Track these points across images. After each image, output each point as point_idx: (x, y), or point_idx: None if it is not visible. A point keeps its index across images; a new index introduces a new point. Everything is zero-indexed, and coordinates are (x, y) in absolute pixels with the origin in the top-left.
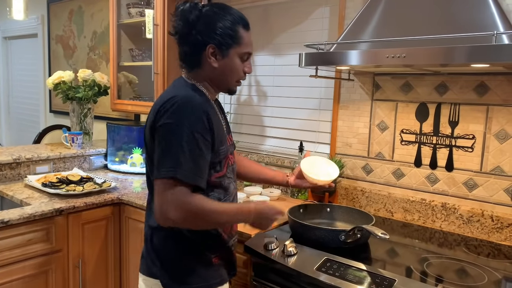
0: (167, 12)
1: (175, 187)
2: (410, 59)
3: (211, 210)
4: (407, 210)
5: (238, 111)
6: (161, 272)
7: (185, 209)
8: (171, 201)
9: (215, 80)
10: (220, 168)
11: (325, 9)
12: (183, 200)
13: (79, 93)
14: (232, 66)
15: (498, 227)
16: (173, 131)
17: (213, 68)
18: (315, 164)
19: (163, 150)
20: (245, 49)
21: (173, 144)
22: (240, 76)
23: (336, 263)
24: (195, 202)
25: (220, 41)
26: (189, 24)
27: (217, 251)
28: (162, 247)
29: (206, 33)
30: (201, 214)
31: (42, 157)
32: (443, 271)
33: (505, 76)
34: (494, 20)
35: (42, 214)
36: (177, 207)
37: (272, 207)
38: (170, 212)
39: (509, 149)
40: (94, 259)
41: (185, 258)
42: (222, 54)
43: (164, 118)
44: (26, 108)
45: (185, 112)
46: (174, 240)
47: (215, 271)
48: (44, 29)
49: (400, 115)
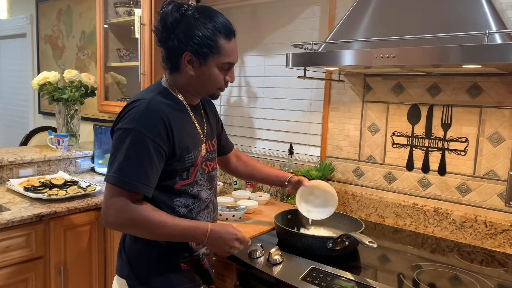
0: (154, 11)
1: (117, 194)
2: (399, 59)
3: (153, 222)
4: (399, 215)
5: (228, 112)
6: (129, 273)
7: (123, 217)
8: (111, 207)
9: (193, 87)
10: (187, 176)
11: (315, 8)
12: (122, 208)
13: (65, 94)
14: (210, 75)
15: (492, 233)
16: (124, 137)
17: (190, 75)
18: (313, 192)
19: (112, 154)
20: (225, 59)
21: (121, 149)
22: (220, 85)
23: (323, 273)
24: (134, 211)
25: (197, 50)
26: (167, 28)
27: (185, 258)
28: (132, 249)
29: (183, 40)
30: (141, 224)
31: (25, 160)
32: (435, 279)
33: (499, 77)
34: (486, 19)
35: (21, 220)
36: (116, 214)
37: (233, 232)
38: (109, 217)
39: (502, 153)
40: (77, 266)
41: (152, 261)
42: (199, 63)
43: (120, 122)
44: (14, 109)
45: (141, 118)
46: (143, 243)
47: (184, 276)
48: (33, 28)
49: (391, 117)
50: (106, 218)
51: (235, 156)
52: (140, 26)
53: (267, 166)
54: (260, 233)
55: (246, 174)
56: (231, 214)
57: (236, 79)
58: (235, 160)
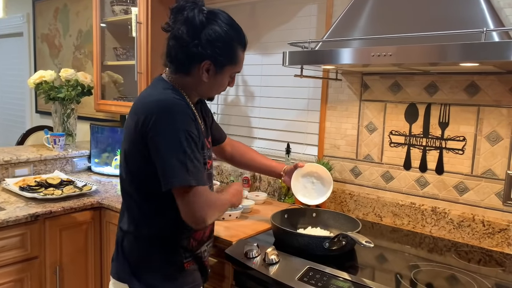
0: (150, 10)
1: (199, 191)
2: (396, 57)
3: (221, 202)
4: (396, 214)
5: (225, 111)
6: (130, 277)
7: (213, 207)
8: (204, 204)
9: (199, 90)
10: None
11: (313, 7)
12: (211, 199)
13: (61, 93)
14: (221, 82)
15: (490, 232)
16: (172, 137)
17: (201, 81)
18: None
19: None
20: (238, 69)
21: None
22: (224, 89)
23: (319, 273)
24: (215, 198)
25: (218, 60)
26: (193, 33)
27: (188, 257)
28: (132, 251)
29: (207, 48)
30: (219, 208)
31: (21, 159)
32: (432, 278)
33: (496, 75)
34: (484, 17)
35: (16, 220)
36: (210, 208)
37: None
38: (207, 215)
39: (500, 152)
40: (73, 266)
41: (155, 262)
42: (216, 71)
43: (157, 126)
44: (11, 109)
45: (176, 116)
46: (144, 244)
47: (187, 276)
48: (30, 27)
49: (389, 116)
50: (203, 218)
51: (230, 145)
52: (136, 24)
53: (264, 157)
54: (257, 232)
55: (242, 163)
56: (227, 214)
57: None
58: (230, 149)
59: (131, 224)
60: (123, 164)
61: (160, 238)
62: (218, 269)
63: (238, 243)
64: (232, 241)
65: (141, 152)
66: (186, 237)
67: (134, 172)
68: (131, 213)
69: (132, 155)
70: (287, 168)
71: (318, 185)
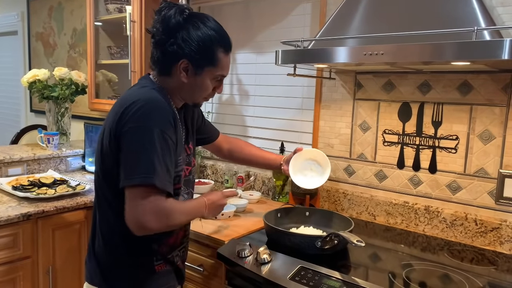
0: (144, 8)
1: (151, 195)
2: (388, 56)
3: (180, 212)
4: (390, 213)
5: (219, 110)
6: (100, 281)
7: (162, 215)
8: (149, 210)
9: (182, 93)
10: (178, 181)
11: (307, 5)
12: (161, 207)
13: (55, 92)
14: (202, 85)
15: (482, 231)
16: (143, 134)
17: (181, 82)
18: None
19: (134, 154)
20: (220, 72)
21: (145, 148)
22: (209, 94)
23: (311, 272)
24: (169, 207)
25: (195, 59)
26: (168, 31)
27: (159, 260)
28: (102, 254)
29: (182, 47)
30: (172, 218)
31: (14, 158)
32: (425, 277)
33: (489, 74)
34: (476, 16)
35: (7, 220)
36: (157, 216)
37: (219, 193)
38: (150, 222)
39: (493, 151)
40: (66, 265)
41: (126, 266)
42: (195, 71)
43: (130, 122)
44: (6, 108)
45: (153, 114)
46: (114, 247)
47: (159, 279)
48: (24, 26)
49: (382, 115)
50: (144, 224)
51: (227, 142)
52: (130, 23)
53: (262, 150)
54: (250, 232)
55: (241, 158)
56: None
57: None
58: (228, 146)
59: (103, 224)
60: (98, 161)
61: (129, 240)
62: (211, 268)
63: (231, 243)
64: (225, 240)
65: (115, 148)
66: (156, 241)
67: (108, 168)
68: (103, 211)
69: (106, 151)
70: (286, 157)
71: (316, 170)
